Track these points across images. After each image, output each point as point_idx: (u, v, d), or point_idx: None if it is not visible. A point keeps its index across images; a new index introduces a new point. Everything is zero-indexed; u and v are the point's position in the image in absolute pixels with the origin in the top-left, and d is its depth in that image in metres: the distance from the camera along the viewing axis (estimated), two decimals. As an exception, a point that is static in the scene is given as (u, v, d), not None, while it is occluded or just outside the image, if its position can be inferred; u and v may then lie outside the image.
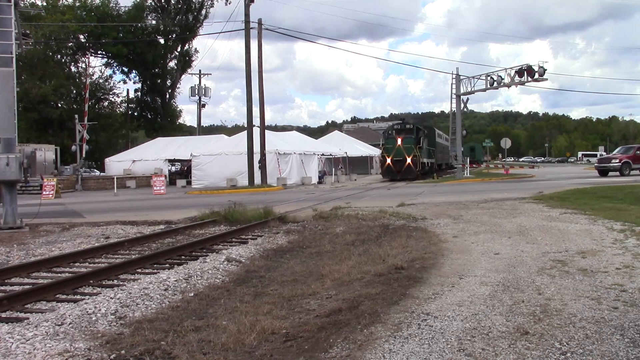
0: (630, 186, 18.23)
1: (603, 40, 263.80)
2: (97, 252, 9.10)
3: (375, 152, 44.42)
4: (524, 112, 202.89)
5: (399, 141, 31.61)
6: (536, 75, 27.41)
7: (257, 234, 10.88)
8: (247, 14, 26.98)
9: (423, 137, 34.00)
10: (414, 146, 31.64)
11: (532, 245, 7.85)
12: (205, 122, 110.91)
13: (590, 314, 4.54)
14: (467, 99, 31.99)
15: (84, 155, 33.56)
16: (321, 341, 4.21)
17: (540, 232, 9.01)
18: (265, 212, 12.76)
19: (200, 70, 53.16)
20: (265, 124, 28.23)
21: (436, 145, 39.52)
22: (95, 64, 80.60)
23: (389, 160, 31.70)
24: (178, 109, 58.93)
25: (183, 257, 8.62)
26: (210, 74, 79.27)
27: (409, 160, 31.04)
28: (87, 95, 37.06)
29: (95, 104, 45.78)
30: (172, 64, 54.84)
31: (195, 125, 55.91)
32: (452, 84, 32.20)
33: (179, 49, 54.03)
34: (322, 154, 34.54)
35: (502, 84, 29.23)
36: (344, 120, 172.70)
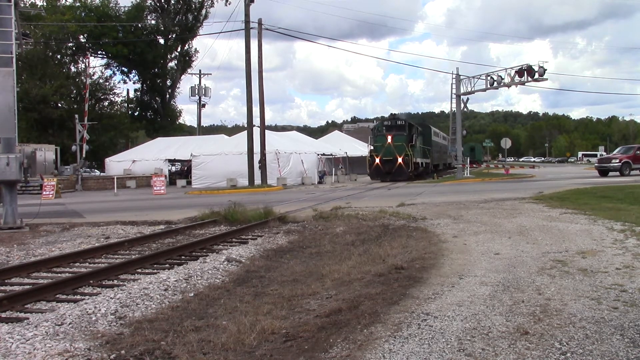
0: (630, 186, 18.23)
1: (603, 39, 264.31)
2: (97, 252, 9.09)
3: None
4: (524, 112, 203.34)
5: (389, 139, 29.67)
6: (536, 75, 27.40)
7: (257, 234, 10.88)
8: (247, 14, 26.99)
9: (417, 135, 31.98)
10: (406, 144, 29.71)
11: (532, 245, 7.85)
12: (205, 122, 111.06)
13: (590, 314, 4.54)
14: (467, 99, 31.91)
15: (84, 155, 33.57)
16: (321, 341, 4.21)
17: (540, 232, 9.01)
18: (266, 212, 12.75)
19: (200, 70, 53.33)
20: (265, 124, 28.24)
21: (432, 144, 37.89)
22: (95, 64, 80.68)
23: (377, 160, 29.72)
24: (178, 109, 59.07)
25: (183, 257, 8.62)
26: (210, 74, 79.34)
27: (400, 160, 29.14)
28: (87, 95, 37.07)
29: (96, 104, 45.78)
30: (172, 64, 54.93)
31: (195, 125, 56.04)
32: (452, 83, 32.13)
33: (179, 49, 54.07)
34: (322, 154, 34.51)
35: (502, 84, 29.20)
36: (343, 120, 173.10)
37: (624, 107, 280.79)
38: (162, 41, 51.57)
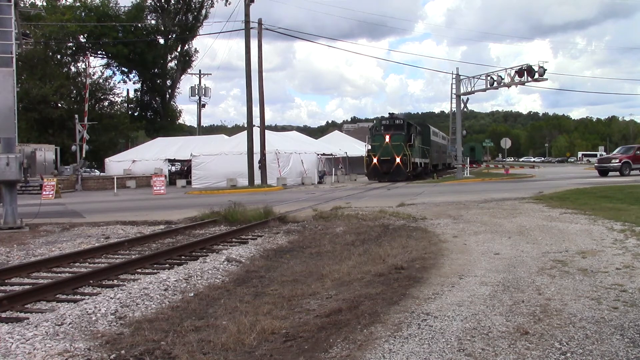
0: (630, 186, 18.22)
1: (603, 39, 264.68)
2: (97, 252, 9.10)
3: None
4: (524, 112, 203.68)
5: (387, 138, 29.22)
6: (536, 75, 27.37)
7: (257, 234, 10.88)
8: (247, 14, 26.99)
9: (415, 135, 31.65)
10: (404, 144, 29.25)
11: (532, 245, 7.85)
12: (205, 122, 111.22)
13: (590, 314, 4.54)
14: (467, 99, 31.88)
15: (84, 155, 33.56)
16: (321, 341, 4.21)
17: (540, 232, 9.01)
18: (265, 212, 12.76)
19: (200, 70, 53.35)
20: (265, 124, 28.23)
21: (431, 144, 37.59)
22: (95, 64, 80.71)
23: (375, 160, 29.23)
24: (178, 109, 59.16)
25: (183, 257, 8.62)
26: (210, 74, 79.50)
27: (398, 160, 28.69)
28: (87, 95, 37.07)
29: (96, 104, 45.76)
30: (172, 64, 55.02)
31: (195, 125, 56.07)
32: (452, 84, 32.16)
33: (178, 49, 54.15)
34: (322, 154, 34.50)
35: (502, 84, 29.17)
36: (343, 120, 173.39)
37: (624, 107, 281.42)
38: (162, 41, 51.69)
